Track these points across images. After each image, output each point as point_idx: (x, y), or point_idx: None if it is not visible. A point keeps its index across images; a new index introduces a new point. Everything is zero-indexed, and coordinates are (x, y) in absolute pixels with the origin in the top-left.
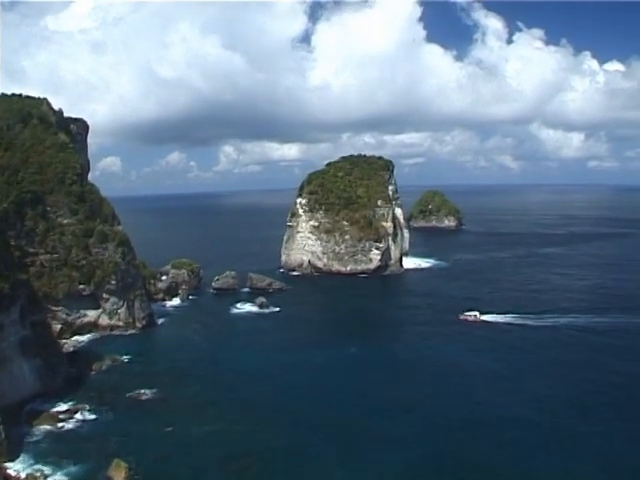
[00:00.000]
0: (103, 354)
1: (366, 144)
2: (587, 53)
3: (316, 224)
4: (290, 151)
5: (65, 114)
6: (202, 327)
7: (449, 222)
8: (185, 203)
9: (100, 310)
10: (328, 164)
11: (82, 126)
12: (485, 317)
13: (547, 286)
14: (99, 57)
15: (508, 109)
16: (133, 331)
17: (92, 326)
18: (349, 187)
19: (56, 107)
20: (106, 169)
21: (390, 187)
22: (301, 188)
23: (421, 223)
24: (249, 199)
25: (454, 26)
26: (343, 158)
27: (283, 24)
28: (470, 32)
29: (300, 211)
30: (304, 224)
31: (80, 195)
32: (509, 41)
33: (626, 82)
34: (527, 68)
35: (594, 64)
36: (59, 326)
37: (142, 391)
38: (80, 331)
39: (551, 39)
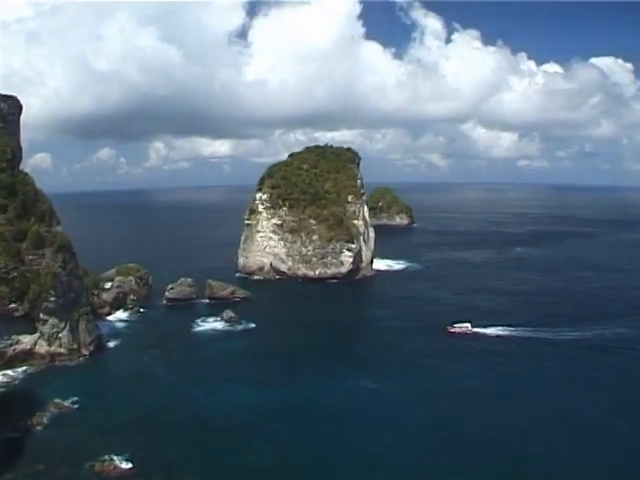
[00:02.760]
0: (45, 397)
1: (297, 141)
2: (523, 54)
3: (279, 222)
4: (222, 147)
5: None
6: (163, 353)
7: (401, 220)
8: (117, 199)
9: (37, 335)
10: (291, 155)
11: (15, 105)
12: (478, 329)
13: (539, 291)
14: (34, 48)
15: (446, 107)
16: (79, 360)
17: (27, 355)
18: (315, 181)
19: None
20: (37, 166)
21: (358, 181)
22: (261, 182)
23: (372, 221)
24: (180, 196)
25: (393, 24)
26: (307, 149)
27: (221, 18)
28: (409, 31)
29: (260, 207)
30: (265, 222)
31: (10, 187)
32: (447, 40)
33: (566, 83)
34: (465, 67)
35: (532, 65)
36: None
37: (108, 458)
38: (12, 363)
39: (488, 40)
